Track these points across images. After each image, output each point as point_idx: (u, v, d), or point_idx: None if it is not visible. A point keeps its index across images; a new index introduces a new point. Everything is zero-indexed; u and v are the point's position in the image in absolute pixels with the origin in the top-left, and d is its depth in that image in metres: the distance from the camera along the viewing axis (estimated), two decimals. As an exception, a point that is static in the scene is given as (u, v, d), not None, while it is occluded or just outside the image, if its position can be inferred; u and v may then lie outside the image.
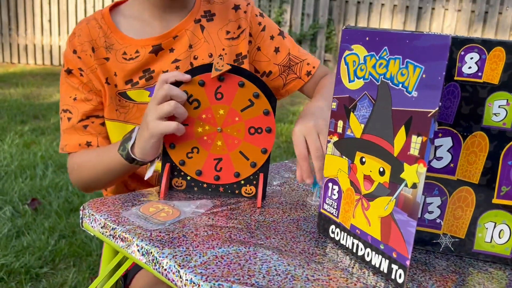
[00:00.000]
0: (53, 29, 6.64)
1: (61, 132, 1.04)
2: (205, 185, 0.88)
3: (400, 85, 0.60)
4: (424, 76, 0.57)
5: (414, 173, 0.59)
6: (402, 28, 6.17)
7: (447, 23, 6.10)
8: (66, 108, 1.02)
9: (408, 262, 0.60)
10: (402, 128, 0.60)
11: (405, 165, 0.60)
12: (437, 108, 0.56)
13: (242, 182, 0.88)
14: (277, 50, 1.12)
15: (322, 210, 0.76)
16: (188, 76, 0.83)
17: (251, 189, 0.88)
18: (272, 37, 1.12)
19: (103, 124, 1.03)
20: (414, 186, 0.59)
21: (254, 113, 0.85)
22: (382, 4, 6.18)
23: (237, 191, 0.88)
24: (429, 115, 0.57)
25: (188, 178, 0.88)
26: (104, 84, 1.00)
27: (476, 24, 6.04)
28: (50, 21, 6.62)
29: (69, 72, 1.02)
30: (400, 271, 0.62)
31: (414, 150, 0.59)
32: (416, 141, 0.58)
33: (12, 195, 2.51)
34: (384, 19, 6.21)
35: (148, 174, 0.88)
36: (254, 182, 0.88)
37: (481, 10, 5.99)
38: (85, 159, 1.00)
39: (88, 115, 1.02)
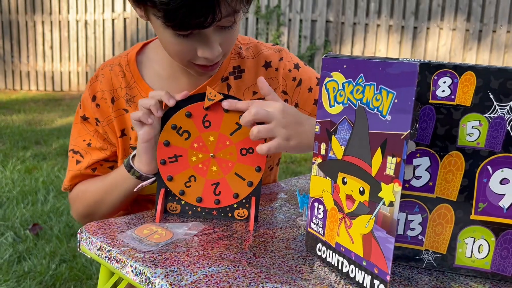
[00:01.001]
0: (55, 55, 6.76)
1: (67, 171, 1.04)
2: (199, 209, 0.91)
3: (375, 109, 0.64)
4: (396, 101, 0.61)
5: (391, 192, 0.62)
6: (398, 48, 6.26)
7: (442, 42, 6.18)
8: (77, 150, 1.02)
9: (388, 277, 0.63)
10: (379, 150, 0.64)
11: (382, 184, 0.63)
12: (408, 131, 0.60)
13: (235, 205, 0.91)
14: (317, 102, 1.06)
15: (309, 229, 0.79)
16: (173, 101, 0.85)
17: (243, 212, 0.91)
18: (310, 89, 1.08)
19: (111, 167, 1.04)
20: (391, 204, 0.62)
21: (243, 135, 0.89)
22: (378, 25, 6.28)
23: (230, 214, 0.91)
24: (401, 137, 0.60)
25: (183, 202, 0.91)
26: (118, 138, 1.01)
27: (471, 42, 6.12)
28: (52, 47, 6.74)
29: (85, 119, 1.02)
30: (382, 286, 0.64)
31: (390, 170, 0.62)
32: (391, 162, 0.62)
33: (13, 221, 2.54)
34: (380, 39, 6.30)
35: (137, 187, 0.92)
36: (247, 205, 0.91)
37: (476, 28, 6.08)
38: (89, 184, 1.02)
39: (99, 160, 1.02)
